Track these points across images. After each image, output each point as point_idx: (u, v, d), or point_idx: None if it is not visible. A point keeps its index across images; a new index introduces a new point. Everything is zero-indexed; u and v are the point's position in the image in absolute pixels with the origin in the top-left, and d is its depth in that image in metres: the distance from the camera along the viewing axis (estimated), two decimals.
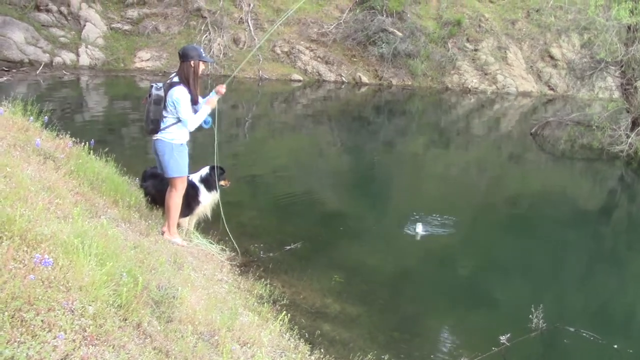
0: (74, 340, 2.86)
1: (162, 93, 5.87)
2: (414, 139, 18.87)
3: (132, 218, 5.93)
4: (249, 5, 27.01)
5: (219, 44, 25.16)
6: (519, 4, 31.56)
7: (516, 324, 5.95)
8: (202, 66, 6.02)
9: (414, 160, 15.46)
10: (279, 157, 13.90)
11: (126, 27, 24.69)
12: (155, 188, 6.64)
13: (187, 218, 6.75)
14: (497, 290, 7.29)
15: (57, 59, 21.93)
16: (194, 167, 6.66)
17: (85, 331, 2.98)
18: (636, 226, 11.49)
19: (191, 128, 5.94)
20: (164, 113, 5.89)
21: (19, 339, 2.67)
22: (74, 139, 7.37)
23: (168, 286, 4.14)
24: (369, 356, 5.07)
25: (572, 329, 6.05)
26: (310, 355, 4.73)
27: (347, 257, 7.66)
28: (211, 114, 6.13)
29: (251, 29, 26.38)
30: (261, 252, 7.19)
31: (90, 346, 2.91)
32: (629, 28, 15.67)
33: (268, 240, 7.55)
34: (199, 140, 6.29)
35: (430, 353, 5.48)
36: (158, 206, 6.74)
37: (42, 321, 2.87)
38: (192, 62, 5.90)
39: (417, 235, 8.26)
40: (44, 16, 22.79)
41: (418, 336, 5.91)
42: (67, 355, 2.75)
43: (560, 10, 26.96)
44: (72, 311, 3.07)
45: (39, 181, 4.83)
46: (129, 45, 24.18)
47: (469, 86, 28.05)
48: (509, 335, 5.65)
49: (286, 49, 26.73)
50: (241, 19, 26.74)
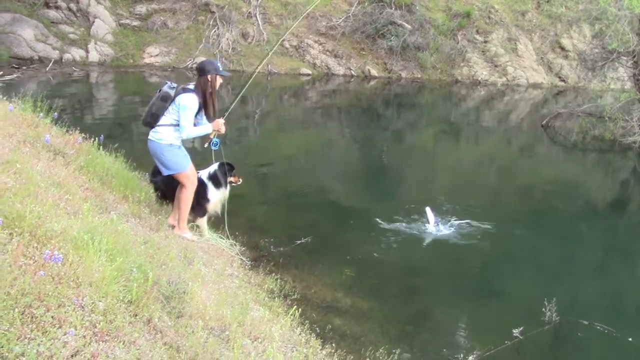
0: (84, 336, 2.85)
1: (172, 92, 5.95)
2: (424, 131, 18.79)
3: (142, 213, 5.92)
4: None
5: (227, 39, 25.17)
6: None
7: (529, 317, 5.89)
8: (219, 80, 6.09)
9: (424, 153, 15.38)
10: (288, 151, 13.87)
11: (135, 23, 24.75)
12: (165, 183, 6.62)
13: (205, 218, 6.69)
14: (510, 283, 7.23)
15: (66, 56, 22.03)
16: (204, 165, 6.65)
17: (96, 327, 2.97)
18: None
19: (184, 136, 5.97)
20: (165, 112, 5.95)
21: (29, 336, 2.67)
22: (83, 134, 7.40)
23: (178, 281, 4.13)
24: (380, 350, 5.04)
25: (585, 322, 5.98)
26: (321, 350, 4.71)
27: (357, 251, 7.62)
28: (220, 136, 6.23)
29: (259, 23, 26.35)
30: (271, 247, 7.17)
31: (101, 342, 2.90)
32: None
33: (278, 235, 7.53)
34: (207, 137, 6.26)
35: (442, 347, 5.44)
36: (168, 201, 6.73)
37: (52, 317, 2.86)
38: (209, 77, 5.98)
39: (430, 222, 8.20)
40: (53, 13, 22.89)
41: (430, 330, 5.87)
42: (77, 351, 2.74)
43: (571, 1, 26.74)
44: (83, 307, 3.06)
45: (48, 177, 4.83)
46: (137, 41, 24.24)
47: (479, 78, 27.90)
48: (521, 328, 5.59)
49: (295, 43, 26.70)
50: (249, 13, 26.73)
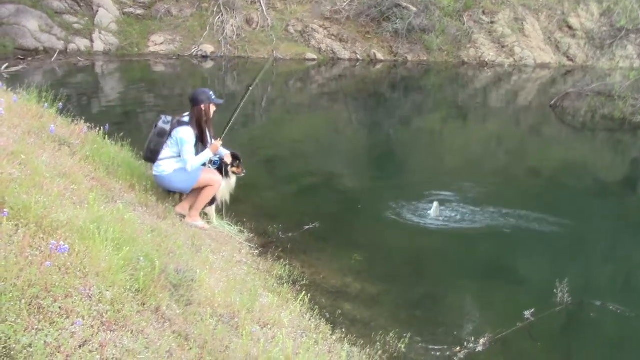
0: (92, 326, 2.84)
1: (168, 127, 6.05)
2: (432, 114, 18.68)
3: (149, 202, 5.91)
4: None
5: (231, 25, 25.02)
6: None
7: (541, 299, 5.83)
8: (213, 108, 6.16)
9: (432, 136, 15.31)
10: (295, 136, 13.82)
11: (139, 12, 24.63)
12: None
13: (214, 206, 6.67)
14: (520, 265, 7.17)
15: (71, 46, 21.98)
16: None
17: (103, 317, 2.97)
18: None
19: (189, 169, 6.01)
20: (164, 146, 6.04)
21: (36, 326, 2.66)
22: (89, 124, 7.38)
23: (186, 269, 4.11)
24: (390, 334, 5.02)
25: (598, 303, 5.93)
26: (331, 335, 4.69)
27: (366, 236, 7.59)
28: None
29: (263, 8, 26.17)
30: (280, 233, 7.14)
31: (109, 332, 2.89)
32: None
33: (286, 221, 7.50)
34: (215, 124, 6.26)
35: (452, 330, 5.41)
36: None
37: (59, 308, 2.86)
38: (202, 106, 6.05)
39: (431, 216, 8.11)
40: (57, 3, 22.79)
41: (440, 314, 5.84)
42: (85, 341, 2.73)
43: None
44: (90, 297, 3.05)
45: (54, 167, 4.82)
46: (142, 29, 24.13)
47: (486, 59, 27.68)
48: (533, 310, 5.54)
49: (299, 28, 26.51)
50: None
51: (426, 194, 8.81)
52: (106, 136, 7.22)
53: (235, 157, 6.60)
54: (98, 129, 7.28)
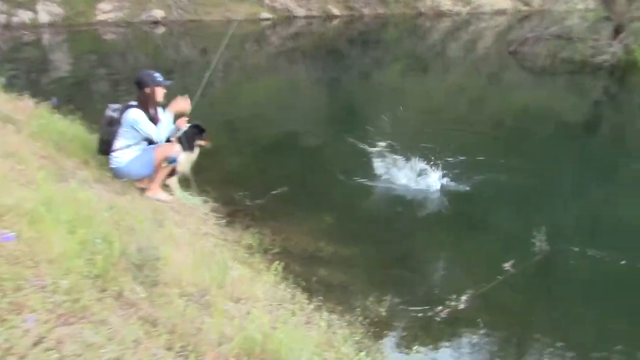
0: (47, 321, 2.59)
1: (116, 115, 5.71)
2: (391, 68, 18.51)
3: (105, 178, 5.61)
4: None
5: None
6: None
7: (519, 250, 5.74)
8: (162, 91, 5.83)
9: (393, 90, 15.11)
10: (255, 99, 13.49)
11: None
12: None
13: (175, 178, 6.36)
14: (494, 216, 7.06)
15: (14, 19, 21.08)
16: None
17: (60, 309, 2.71)
18: (624, 135, 11.35)
19: (161, 139, 5.76)
20: (117, 136, 5.70)
21: None
22: (36, 99, 6.99)
23: (149, 247, 3.83)
24: (369, 298, 4.87)
25: (576, 249, 5.86)
26: (309, 304, 4.50)
27: (335, 197, 7.42)
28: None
29: None
30: (246, 200, 6.89)
31: (67, 325, 2.63)
32: None
33: (252, 187, 7.25)
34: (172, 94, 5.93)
35: (432, 288, 5.28)
36: None
37: (9, 303, 2.60)
38: (147, 90, 5.72)
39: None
40: None
41: (418, 272, 5.70)
42: (41, 338, 2.48)
43: None
44: (43, 288, 2.79)
45: None
46: None
47: (443, 9, 27.45)
48: (512, 262, 5.46)
49: None
50: None
51: (391, 151, 8.59)
52: (55, 110, 6.84)
53: (200, 129, 6.29)
54: (46, 103, 6.90)
